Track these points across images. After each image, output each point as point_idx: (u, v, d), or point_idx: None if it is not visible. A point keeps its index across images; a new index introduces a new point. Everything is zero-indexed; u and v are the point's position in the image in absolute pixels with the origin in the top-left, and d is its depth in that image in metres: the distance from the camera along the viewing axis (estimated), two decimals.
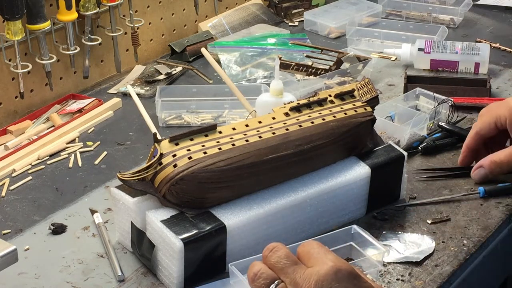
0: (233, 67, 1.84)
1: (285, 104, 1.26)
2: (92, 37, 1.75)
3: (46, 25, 1.60)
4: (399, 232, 1.25)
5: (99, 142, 1.56)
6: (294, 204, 1.18)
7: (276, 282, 0.82)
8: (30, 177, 1.44)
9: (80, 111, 1.65)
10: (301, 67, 1.74)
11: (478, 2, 2.26)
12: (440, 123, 1.53)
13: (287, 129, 1.20)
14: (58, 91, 1.73)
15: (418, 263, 1.18)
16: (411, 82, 1.71)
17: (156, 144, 1.14)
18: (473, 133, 1.40)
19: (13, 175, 1.45)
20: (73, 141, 1.57)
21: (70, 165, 1.48)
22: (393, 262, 1.18)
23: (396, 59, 1.89)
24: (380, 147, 1.31)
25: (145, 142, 1.55)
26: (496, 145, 1.41)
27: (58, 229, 1.28)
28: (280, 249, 0.85)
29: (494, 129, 1.39)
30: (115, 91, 1.78)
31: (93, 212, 1.31)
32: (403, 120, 1.53)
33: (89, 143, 1.56)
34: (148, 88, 1.77)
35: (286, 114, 1.24)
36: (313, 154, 1.21)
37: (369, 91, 1.33)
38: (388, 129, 1.50)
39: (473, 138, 1.40)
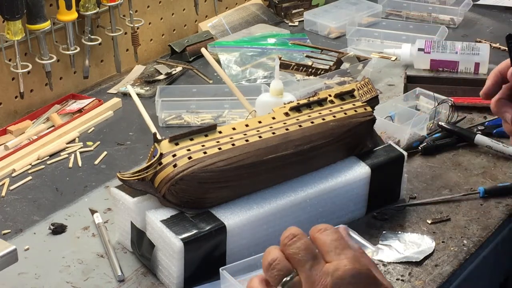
0: (233, 67, 1.84)
1: (285, 104, 1.26)
2: (92, 37, 1.75)
3: (46, 25, 1.60)
4: (399, 232, 1.25)
5: (99, 142, 1.56)
6: (294, 204, 1.18)
7: (291, 275, 0.78)
8: (30, 177, 1.44)
9: (80, 111, 1.65)
10: (301, 67, 1.74)
11: (478, 2, 2.26)
12: (440, 123, 1.53)
13: (287, 129, 1.20)
14: (58, 91, 1.73)
15: (418, 263, 1.18)
16: (411, 82, 1.71)
17: (156, 144, 1.14)
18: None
19: (13, 175, 1.45)
20: (73, 141, 1.57)
21: (70, 165, 1.48)
22: (393, 262, 1.18)
23: (396, 59, 1.89)
24: (380, 147, 1.31)
25: (145, 142, 1.55)
26: None
27: (58, 229, 1.28)
28: (300, 239, 0.79)
29: None
30: (115, 91, 1.78)
31: (93, 212, 1.31)
32: (403, 120, 1.53)
33: (89, 143, 1.56)
34: (148, 88, 1.77)
35: (286, 114, 1.24)
36: (313, 154, 1.21)
37: (369, 91, 1.33)
38: (388, 129, 1.50)
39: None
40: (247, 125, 1.20)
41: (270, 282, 0.78)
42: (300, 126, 1.22)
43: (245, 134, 1.18)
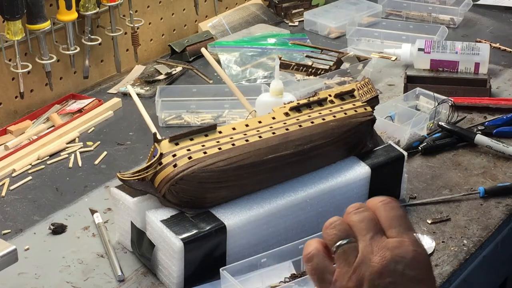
0: (233, 67, 1.84)
1: (285, 104, 1.26)
2: (92, 37, 1.75)
3: (46, 25, 1.60)
4: None
5: (99, 142, 1.56)
6: (294, 204, 1.18)
7: (348, 239, 0.74)
8: (30, 177, 1.44)
9: (80, 111, 1.65)
10: (301, 67, 1.74)
11: (478, 2, 2.26)
12: (440, 123, 1.53)
13: (287, 129, 1.20)
14: (58, 91, 1.73)
15: None
16: (411, 82, 1.71)
17: (156, 144, 1.14)
18: None
19: (13, 175, 1.45)
20: (73, 141, 1.57)
21: (70, 165, 1.48)
22: None
23: (396, 59, 1.89)
24: (380, 147, 1.31)
25: (145, 142, 1.55)
26: None
27: (58, 229, 1.28)
28: (367, 211, 0.76)
29: None
30: (115, 91, 1.78)
31: (93, 212, 1.31)
32: (403, 120, 1.53)
33: (89, 143, 1.56)
34: (148, 88, 1.77)
35: (286, 114, 1.24)
36: (313, 154, 1.21)
37: (369, 91, 1.33)
38: (388, 129, 1.50)
39: None
40: (247, 125, 1.20)
41: (326, 242, 0.74)
42: (300, 126, 1.22)
43: (245, 134, 1.18)
